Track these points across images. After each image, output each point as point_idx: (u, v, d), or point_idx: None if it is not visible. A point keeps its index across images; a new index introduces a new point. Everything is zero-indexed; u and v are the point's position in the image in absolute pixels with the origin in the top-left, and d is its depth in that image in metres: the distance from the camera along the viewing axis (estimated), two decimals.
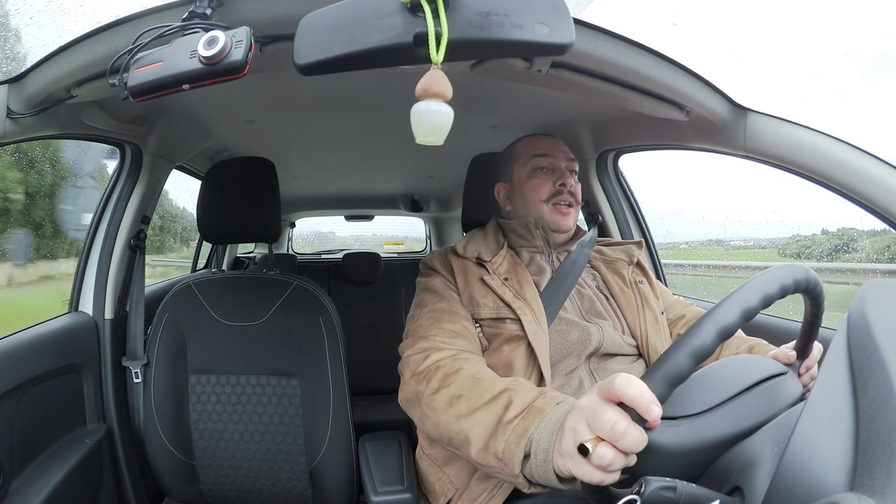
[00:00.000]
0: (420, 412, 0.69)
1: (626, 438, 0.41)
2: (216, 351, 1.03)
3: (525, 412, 0.55)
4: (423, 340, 0.76)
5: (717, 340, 0.43)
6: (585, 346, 0.78)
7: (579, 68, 0.70)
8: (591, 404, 0.45)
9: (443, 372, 0.67)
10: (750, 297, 0.46)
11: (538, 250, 0.90)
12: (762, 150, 0.83)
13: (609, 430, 0.42)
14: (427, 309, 0.81)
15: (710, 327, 0.43)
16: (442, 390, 0.65)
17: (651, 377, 0.44)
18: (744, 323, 0.45)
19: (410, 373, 0.72)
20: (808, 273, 0.52)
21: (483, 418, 0.58)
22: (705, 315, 0.45)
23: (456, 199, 2.35)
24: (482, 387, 0.62)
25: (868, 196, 0.74)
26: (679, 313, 0.95)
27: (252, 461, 1.03)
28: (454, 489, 0.79)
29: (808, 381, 0.60)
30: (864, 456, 0.32)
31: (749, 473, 0.41)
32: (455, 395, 0.63)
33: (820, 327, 0.59)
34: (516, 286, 0.82)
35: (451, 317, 0.79)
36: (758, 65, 10.79)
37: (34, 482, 0.84)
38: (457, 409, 0.62)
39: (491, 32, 0.41)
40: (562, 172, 0.91)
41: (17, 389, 0.83)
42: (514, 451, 0.53)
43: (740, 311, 0.45)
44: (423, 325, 0.79)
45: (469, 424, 0.59)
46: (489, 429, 0.57)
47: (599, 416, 0.43)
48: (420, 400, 0.68)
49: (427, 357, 0.71)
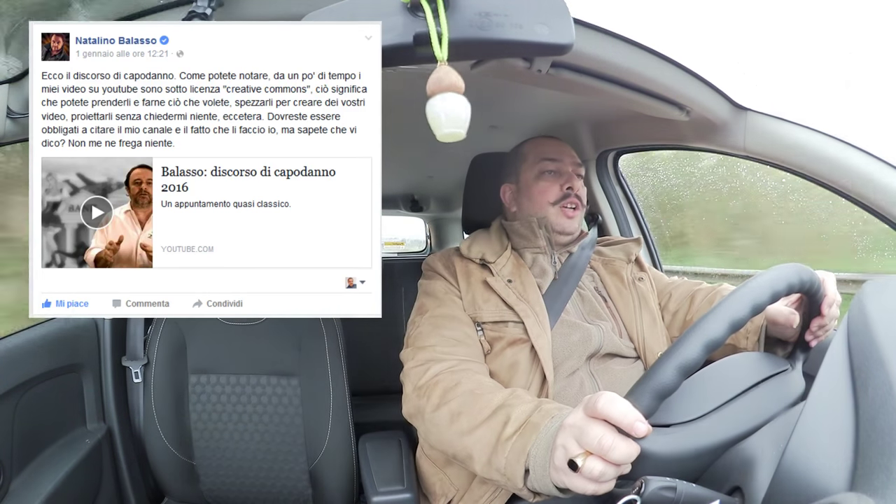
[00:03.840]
0: (424, 428, 0.70)
1: (614, 452, 0.43)
2: (216, 351, 1.03)
3: (522, 428, 0.56)
4: (422, 351, 0.76)
5: (704, 353, 0.44)
6: (586, 348, 0.78)
7: (579, 68, 0.70)
8: (579, 421, 0.47)
9: (442, 387, 0.68)
10: (738, 307, 0.46)
11: (541, 251, 0.90)
12: (762, 150, 0.83)
13: (596, 446, 0.43)
14: (428, 315, 0.81)
15: (696, 340, 0.44)
16: (443, 407, 0.66)
17: (637, 392, 0.45)
18: (731, 334, 0.45)
19: (412, 386, 0.73)
20: (801, 275, 0.52)
21: (484, 436, 0.59)
22: (692, 328, 0.45)
23: (456, 199, 2.35)
24: (481, 402, 0.62)
25: (868, 196, 0.74)
26: (685, 294, 0.91)
27: (252, 461, 1.03)
28: (455, 490, 0.79)
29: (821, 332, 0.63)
30: (864, 456, 0.32)
31: (749, 473, 0.41)
32: (456, 412, 0.64)
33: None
34: (520, 288, 0.82)
35: (451, 323, 0.79)
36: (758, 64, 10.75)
37: (34, 482, 0.84)
38: (458, 427, 0.62)
39: (491, 32, 0.41)
40: (569, 175, 0.90)
41: (17, 389, 0.83)
42: (515, 467, 0.54)
43: (727, 322, 0.45)
44: (424, 333, 0.78)
45: (471, 442, 0.60)
46: (490, 446, 0.58)
47: (586, 432, 0.44)
48: (423, 416, 0.69)
49: (427, 370, 0.72)
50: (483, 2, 0.41)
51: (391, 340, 1.66)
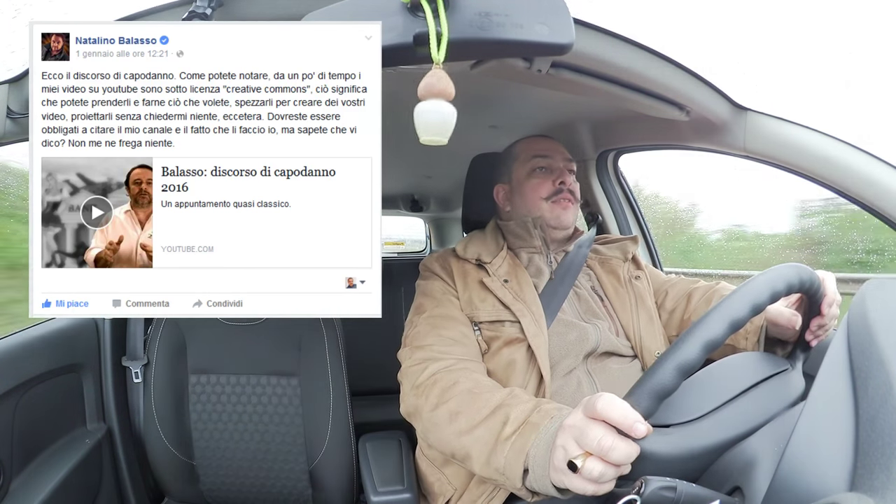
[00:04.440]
0: (422, 427, 0.70)
1: (613, 453, 0.43)
2: (216, 351, 1.03)
3: (521, 428, 0.56)
4: (420, 350, 0.76)
5: (704, 354, 0.44)
6: (583, 346, 0.78)
7: (579, 68, 0.70)
8: (578, 422, 0.47)
9: (440, 386, 0.68)
10: (738, 307, 0.46)
11: (536, 251, 0.90)
12: (762, 150, 0.83)
13: (596, 447, 0.43)
14: (426, 315, 0.81)
15: (695, 341, 0.44)
16: (441, 406, 0.66)
17: (636, 393, 0.45)
18: (731, 334, 0.45)
19: (409, 385, 0.73)
20: (800, 274, 0.52)
21: (482, 435, 0.59)
22: (691, 328, 0.45)
23: (456, 199, 2.35)
24: (479, 402, 0.63)
25: (867, 196, 0.74)
26: (682, 292, 0.91)
27: (252, 461, 1.03)
28: (452, 490, 0.79)
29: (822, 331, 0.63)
30: (864, 456, 0.32)
31: (749, 473, 0.41)
32: (454, 411, 0.64)
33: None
34: (516, 288, 0.82)
35: (448, 323, 0.79)
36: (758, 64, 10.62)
37: (34, 482, 0.84)
38: (457, 426, 0.63)
39: (491, 32, 0.42)
40: (561, 171, 0.91)
41: (17, 389, 0.83)
42: (514, 467, 0.54)
43: (727, 322, 0.45)
44: (421, 333, 0.79)
45: (470, 441, 0.60)
46: (489, 445, 0.58)
47: (586, 433, 0.45)
48: (421, 415, 0.69)
49: (425, 369, 0.72)
50: (483, 2, 0.41)
51: (391, 340, 1.66)
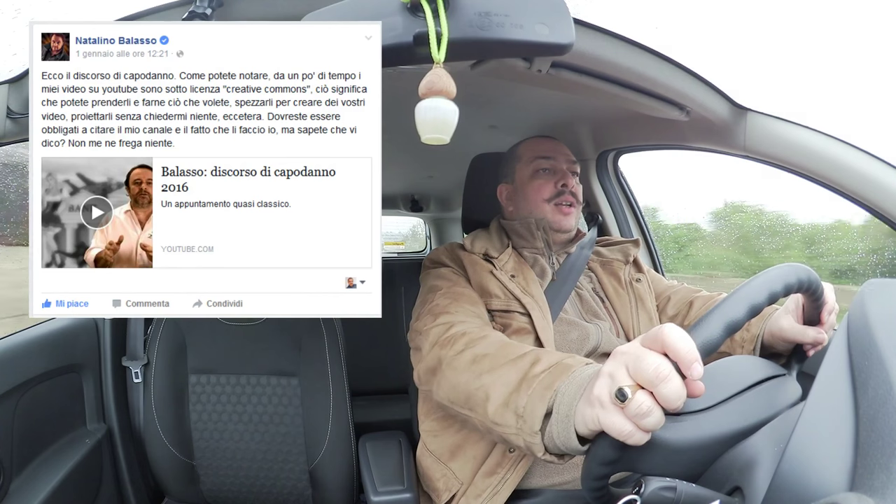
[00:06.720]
0: (438, 377, 0.67)
1: (669, 384, 0.39)
2: (216, 351, 1.03)
3: (553, 367, 0.53)
4: (443, 315, 0.74)
5: (748, 316, 0.45)
6: (584, 346, 0.79)
7: (579, 68, 0.70)
8: (635, 349, 0.43)
9: (468, 337, 0.66)
10: (782, 275, 0.48)
11: (539, 252, 0.90)
12: (762, 150, 0.83)
13: (653, 373, 0.39)
14: (443, 291, 0.80)
15: (741, 304, 0.45)
16: (467, 350, 0.63)
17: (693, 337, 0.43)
18: (770, 303, 0.47)
19: (431, 343, 0.70)
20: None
21: (507, 374, 0.56)
22: (732, 293, 0.46)
23: (456, 199, 2.35)
24: (509, 349, 0.60)
25: (868, 196, 0.74)
26: (684, 299, 0.91)
27: (252, 461, 1.03)
28: (459, 484, 0.78)
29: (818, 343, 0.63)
30: (864, 456, 0.32)
31: (749, 473, 0.41)
32: (480, 354, 0.62)
33: None
34: (523, 283, 0.82)
35: (467, 299, 0.79)
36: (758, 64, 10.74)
37: (34, 482, 0.84)
38: (479, 367, 0.60)
39: (491, 32, 0.42)
40: (563, 173, 0.91)
41: (17, 389, 0.83)
42: (536, 405, 0.51)
43: (767, 292, 0.47)
44: (441, 304, 0.77)
45: (491, 380, 0.58)
46: (512, 384, 0.55)
47: (643, 359, 0.40)
48: (442, 364, 0.66)
49: (451, 327, 0.69)
50: (483, 2, 0.41)
51: (391, 340, 1.67)
